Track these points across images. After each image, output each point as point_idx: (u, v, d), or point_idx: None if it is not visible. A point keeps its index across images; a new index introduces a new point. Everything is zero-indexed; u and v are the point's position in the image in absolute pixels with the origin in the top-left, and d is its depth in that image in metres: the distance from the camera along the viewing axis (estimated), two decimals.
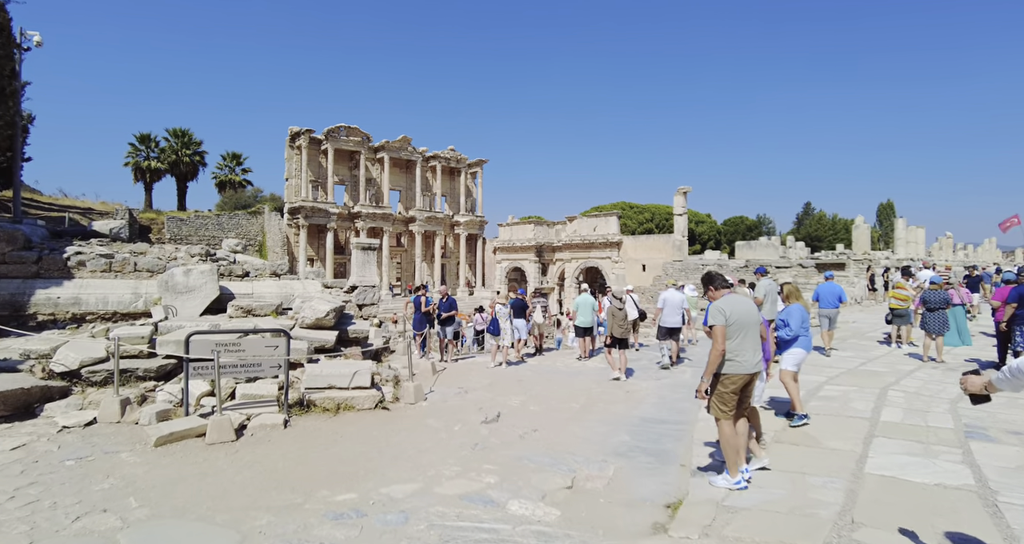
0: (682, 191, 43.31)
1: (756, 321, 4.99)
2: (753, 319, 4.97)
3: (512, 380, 10.90)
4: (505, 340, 13.07)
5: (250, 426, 6.81)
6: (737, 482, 4.93)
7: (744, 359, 4.87)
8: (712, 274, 5.32)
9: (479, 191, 54.14)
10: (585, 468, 6.08)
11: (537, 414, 8.42)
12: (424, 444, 6.66)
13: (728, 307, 4.91)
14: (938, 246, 57.16)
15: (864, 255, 38.80)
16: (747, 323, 4.90)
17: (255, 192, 57.24)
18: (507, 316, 13.02)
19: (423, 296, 13.02)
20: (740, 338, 4.85)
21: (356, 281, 13.38)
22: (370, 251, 13.47)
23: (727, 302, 4.97)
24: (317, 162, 46.26)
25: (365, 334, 10.56)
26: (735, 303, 4.98)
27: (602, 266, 45.27)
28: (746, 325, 4.89)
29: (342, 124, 45.87)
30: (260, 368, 7.26)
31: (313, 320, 9.85)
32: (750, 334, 4.89)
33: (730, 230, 68.73)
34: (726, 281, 5.30)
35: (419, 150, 49.49)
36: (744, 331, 4.87)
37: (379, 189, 47.89)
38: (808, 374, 10.67)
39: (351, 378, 7.99)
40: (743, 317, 4.89)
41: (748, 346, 4.88)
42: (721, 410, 4.96)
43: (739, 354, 4.86)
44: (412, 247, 49.62)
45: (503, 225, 51.10)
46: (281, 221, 45.73)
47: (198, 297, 11.16)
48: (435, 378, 10.69)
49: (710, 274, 5.32)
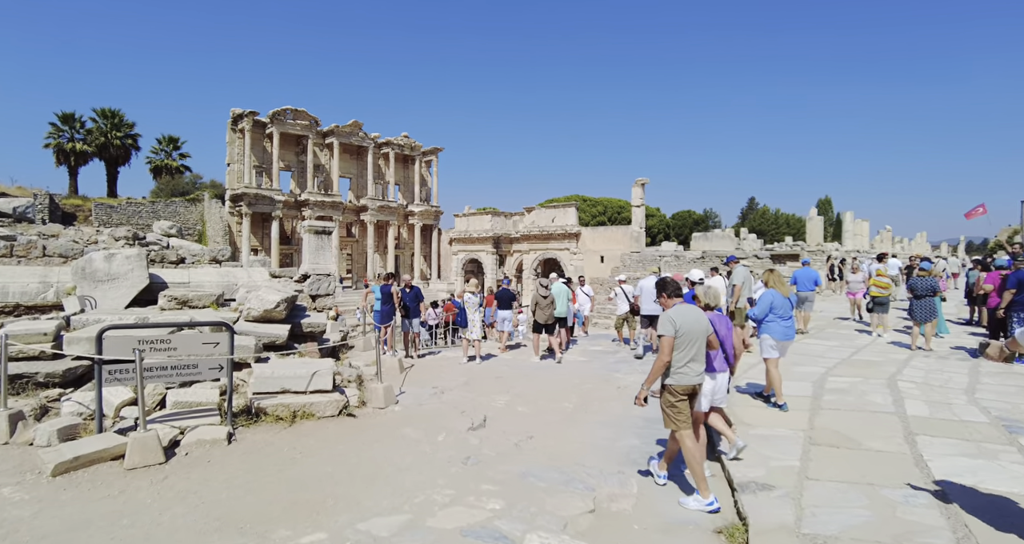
0: (640, 183, 43.02)
1: (704, 331, 4.90)
2: (701, 329, 4.88)
3: (490, 377, 9.78)
4: (473, 333, 11.92)
5: (184, 443, 5.46)
6: (709, 503, 4.56)
7: (690, 370, 4.79)
8: (666, 281, 5.19)
9: (434, 180, 52.49)
10: (604, 484, 5.06)
11: (528, 416, 7.35)
12: (404, 460, 5.47)
13: (678, 318, 4.80)
14: (880, 239, 59.34)
15: (817, 246, 39.46)
16: (696, 334, 4.82)
17: (194, 178, 53.60)
18: (476, 307, 11.89)
19: (393, 286, 11.72)
20: (687, 348, 4.79)
21: (309, 269, 11.94)
22: (324, 235, 12.04)
23: (677, 312, 4.86)
24: (261, 147, 43.61)
25: (322, 328, 9.23)
26: (685, 313, 4.86)
27: (560, 257, 44.64)
28: (695, 336, 4.81)
29: (288, 106, 43.34)
30: (196, 370, 5.89)
31: (261, 312, 8.45)
32: (697, 344, 4.83)
33: (679, 224, 69.85)
34: (679, 290, 5.14)
35: (371, 136, 47.42)
36: (692, 342, 4.80)
37: (328, 176, 45.62)
38: (805, 365, 10.11)
39: (309, 380, 6.71)
40: (692, 327, 4.80)
41: (694, 357, 4.81)
42: (677, 421, 4.79)
43: (686, 365, 4.79)
44: (364, 238, 47.58)
45: (459, 216, 49.69)
46: (222, 209, 42.92)
47: (123, 286, 9.53)
48: (403, 377, 9.47)
49: (663, 281, 5.20)
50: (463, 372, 10.23)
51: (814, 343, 12.53)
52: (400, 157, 50.55)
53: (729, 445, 5.46)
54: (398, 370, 9.66)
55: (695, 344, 4.80)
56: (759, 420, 6.87)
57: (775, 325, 7.27)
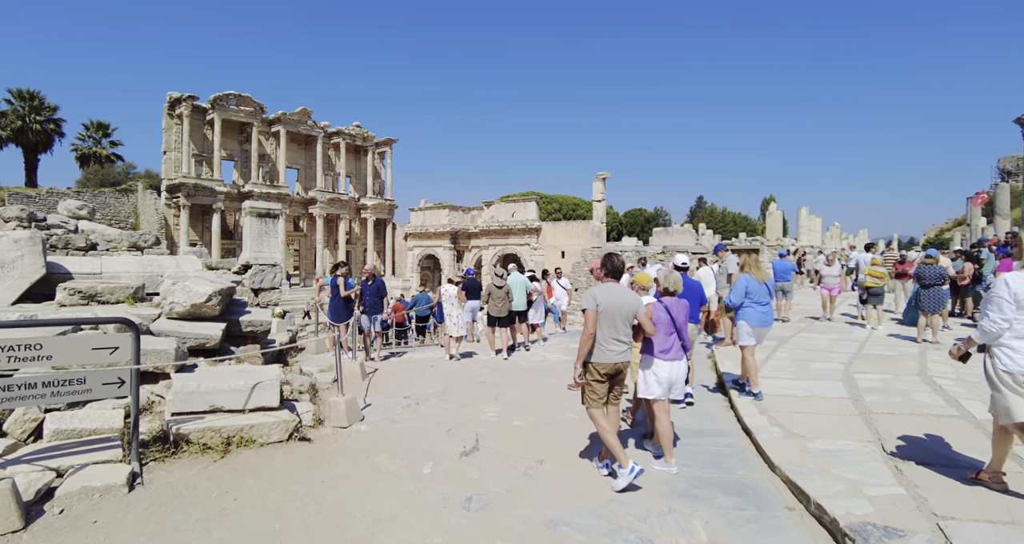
0: (601, 177, 42.23)
1: (630, 311, 4.83)
2: (626, 310, 4.80)
3: (471, 382, 8.31)
4: (452, 329, 10.56)
5: (61, 493, 3.80)
6: (631, 470, 4.47)
7: (610, 348, 4.76)
8: (611, 257, 5.13)
9: (388, 172, 50.31)
10: (661, 531, 3.71)
11: (529, 432, 5.94)
12: (383, 505, 3.97)
13: (600, 294, 4.81)
14: (830, 235, 60.76)
15: (777, 241, 39.53)
16: (616, 313, 4.77)
17: (127, 168, 49.77)
18: (454, 300, 10.45)
19: (343, 277, 10.07)
20: (608, 327, 4.75)
21: (251, 258, 10.18)
22: (269, 219, 10.28)
23: (601, 289, 4.88)
24: (201, 134, 40.56)
25: (265, 327, 7.58)
26: (608, 291, 4.85)
27: (521, 253, 43.38)
28: (614, 315, 4.76)
29: (231, 92, 40.46)
30: (85, 386, 4.21)
31: (188, 307, 6.75)
32: (618, 324, 4.77)
33: (630, 222, 70.62)
34: (616, 271, 5.06)
35: (321, 124, 44.89)
36: (612, 321, 4.76)
37: (274, 166, 42.91)
38: (817, 361, 9.17)
39: (248, 394, 5.10)
40: (612, 306, 4.76)
41: (614, 336, 4.77)
42: (591, 399, 4.83)
43: (605, 343, 4.76)
44: (312, 232, 45.03)
45: (415, 210, 47.63)
46: (158, 200, 39.73)
47: (9, 277, 7.61)
48: (367, 384, 7.92)
49: (608, 256, 5.14)
50: (438, 377, 8.72)
51: (813, 336, 11.66)
52: (352, 148, 48.15)
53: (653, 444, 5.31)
54: (360, 376, 8.08)
55: (615, 322, 4.72)
56: (810, 428, 5.69)
57: (751, 311, 6.88)
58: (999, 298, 3.83)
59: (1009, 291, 3.80)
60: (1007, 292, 3.80)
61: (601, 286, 4.95)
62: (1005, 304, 3.79)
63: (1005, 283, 3.84)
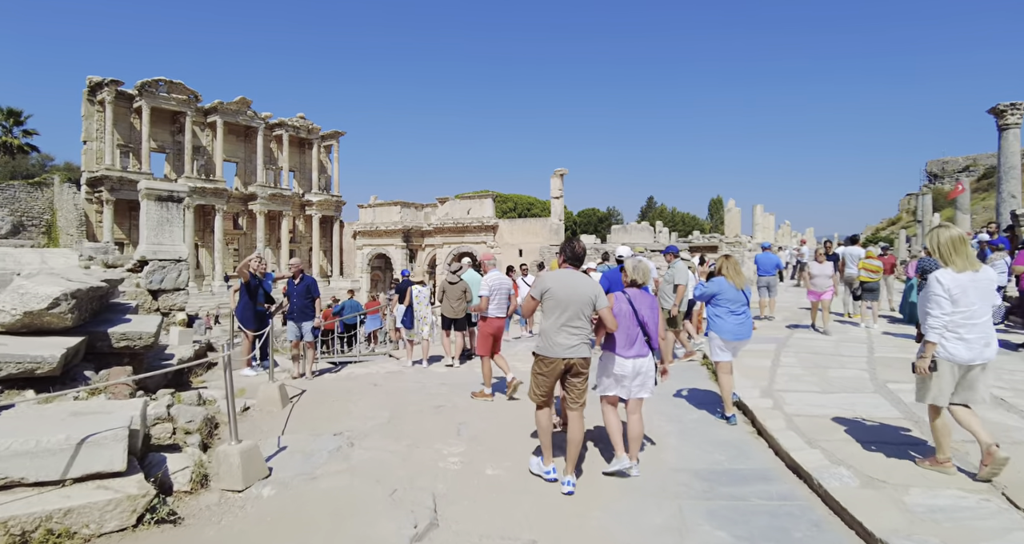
0: (559, 173, 41.05)
1: (584, 300, 4.26)
2: (579, 299, 4.25)
3: (425, 405, 6.49)
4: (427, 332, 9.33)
5: None
6: (547, 471, 4.27)
7: (557, 340, 4.23)
8: (569, 240, 4.70)
9: (335, 167, 47.64)
10: None
11: (506, 487, 4.23)
12: None
13: (551, 280, 4.35)
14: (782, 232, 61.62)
15: (735, 238, 39.13)
16: (567, 302, 4.23)
17: (43, 159, 45.45)
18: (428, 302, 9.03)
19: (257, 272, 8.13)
20: (556, 317, 4.25)
21: (148, 252, 8.12)
22: (171, 203, 8.22)
23: (554, 275, 4.42)
24: (128, 123, 37.10)
25: (146, 340, 5.61)
26: (561, 278, 4.35)
27: (477, 251, 41.67)
28: (565, 304, 4.24)
29: (162, 77, 37.15)
30: None
31: (19, 315, 4.76)
32: (568, 313, 4.23)
33: (584, 221, 71.11)
34: (576, 257, 4.52)
35: (262, 115, 41.92)
36: (561, 310, 4.25)
37: (210, 159, 39.75)
38: (834, 368, 8.07)
39: (72, 455, 3.22)
40: (562, 294, 4.24)
41: (563, 327, 4.24)
42: (535, 393, 4.38)
43: (554, 333, 4.25)
44: (253, 230, 42.00)
45: (364, 206, 45.16)
46: (78, 195, 36.09)
47: None
48: (288, 412, 6.05)
49: (569, 240, 4.70)
50: (383, 399, 6.85)
51: (812, 338, 10.53)
52: (296, 140, 45.30)
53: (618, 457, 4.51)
54: (278, 402, 6.18)
55: (565, 311, 4.25)
56: (887, 469, 4.24)
57: (725, 323, 5.92)
58: (936, 296, 4.01)
59: (943, 288, 3.98)
60: (942, 289, 3.98)
61: (554, 272, 4.52)
62: (943, 301, 3.98)
63: (938, 281, 4.00)
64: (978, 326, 3.99)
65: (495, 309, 7.56)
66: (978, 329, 3.99)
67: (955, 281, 3.97)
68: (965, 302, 3.96)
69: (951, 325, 3.99)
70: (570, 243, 4.63)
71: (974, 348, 3.97)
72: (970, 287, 3.97)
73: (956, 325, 3.97)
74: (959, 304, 3.96)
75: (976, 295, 3.98)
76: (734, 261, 6.27)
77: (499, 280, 7.74)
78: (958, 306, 3.96)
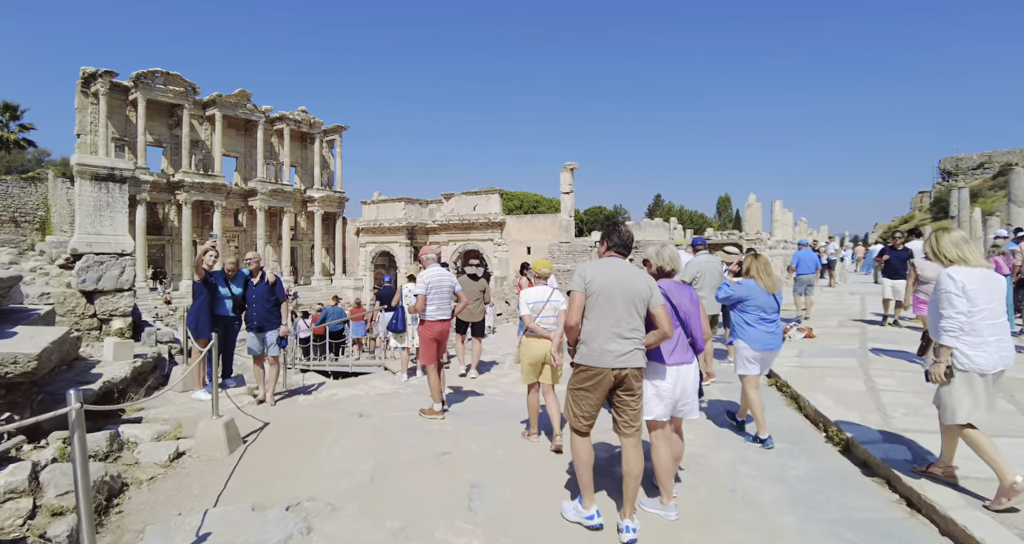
0: (569, 167, 39.38)
1: (636, 298, 3.48)
2: (632, 294, 3.47)
3: (422, 453, 4.87)
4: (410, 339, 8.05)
5: None
6: (590, 516, 3.47)
7: (598, 346, 3.44)
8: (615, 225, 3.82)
9: (337, 162, 46.34)
10: None
11: None
12: None
13: (593, 269, 3.57)
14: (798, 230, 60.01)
15: (756, 235, 37.53)
16: (613, 295, 3.47)
17: (39, 154, 44.50)
18: None
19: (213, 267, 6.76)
20: (603, 315, 3.46)
21: (81, 244, 6.74)
22: (112, 184, 6.84)
23: (596, 264, 3.66)
24: (123, 116, 35.96)
25: (27, 364, 4.20)
26: (606, 267, 3.60)
27: (483, 249, 40.36)
28: (612, 298, 3.47)
29: (158, 69, 35.96)
30: None
31: None
32: (617, 311, 3.43)
33: (591, 219, 70.55)
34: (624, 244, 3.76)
35: (262, 109, 40.67)
36: (606, 306, 3.45)
37: (209, 154, 38.53)
38: (883, 377, 6.73)
39: None
40: (609, 287, 3.48)
41: (613, 328, 3.43)
42: (574, 414, 3.54)
43: (594, 337, 3.45)
44: (253, 227, 40.75)
45: (368, 203, 43.89)
46: (72, 190, 34.91)
47: None
48: (235, 460, 4.65)
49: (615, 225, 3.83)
50: (366, 441, 5.24)
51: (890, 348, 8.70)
52: (297, 135, 44.03)
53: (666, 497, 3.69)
54: (223, 445, 4.74)
55: (614, 310, 3.44)
56: None
57: (755, 331, 5.21)
58: (949, 293, 3.62)
59: (956, 285, 3.62)
60: (955, 286, 3.61)
61: (596, 261, 3.77)
62: (956, 299, 3.60)
63: (950, 277, 3.65)
64: (997, 326, 3.64)
65: (435, 311, 6.18)
66: (998, 329, 3.64)
67: (970, 276, 3.62)
68: (983, 300, 3.59)
69: (968, 327, 3.60)
70: (616, 228, 3.87)
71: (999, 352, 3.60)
72: (986, 284, 3.64)
73: (975, 329, 3.57)
74: (977, 302, 3.58)
75: (994, 293, 3.67)
76: (764, 260, 5.49)
77: (439, 277, 6.25)
78: (976, 305, 3.58)
